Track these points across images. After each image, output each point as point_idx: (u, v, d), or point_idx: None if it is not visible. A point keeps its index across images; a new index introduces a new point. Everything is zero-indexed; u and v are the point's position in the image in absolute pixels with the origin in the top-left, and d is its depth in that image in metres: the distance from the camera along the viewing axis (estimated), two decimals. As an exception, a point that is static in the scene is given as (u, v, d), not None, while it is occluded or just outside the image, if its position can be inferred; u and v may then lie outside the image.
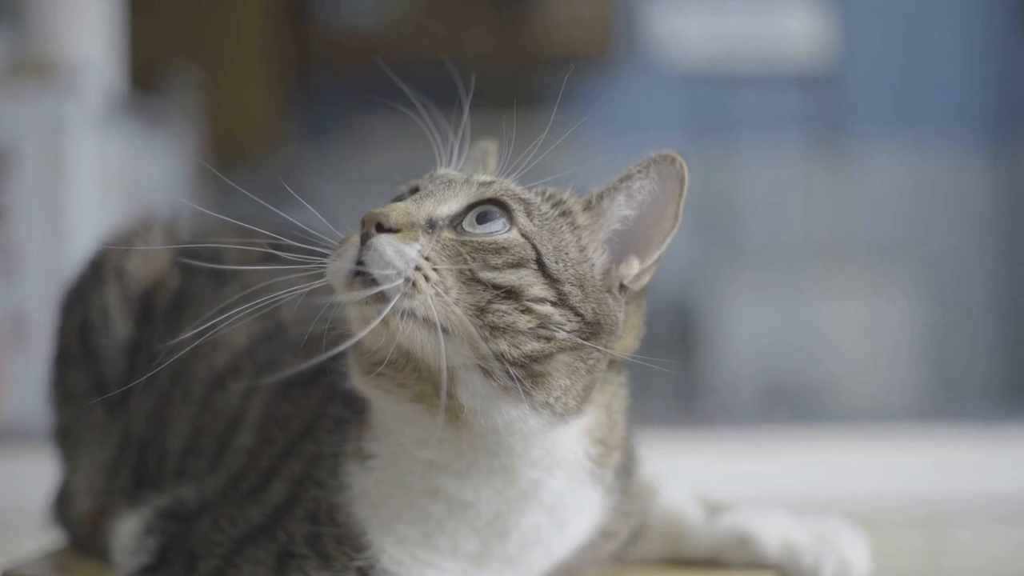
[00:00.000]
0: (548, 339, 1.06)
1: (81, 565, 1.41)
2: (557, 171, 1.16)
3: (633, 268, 1.13)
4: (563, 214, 1.12)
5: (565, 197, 1.14)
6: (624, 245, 1.13)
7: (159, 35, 3.89)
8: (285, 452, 1.21)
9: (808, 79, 4.69)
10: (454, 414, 1.08)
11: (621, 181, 1.13)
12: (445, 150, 1.18)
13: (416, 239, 1.05)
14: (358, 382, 1.13)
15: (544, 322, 1.06)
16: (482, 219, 1.09)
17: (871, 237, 4.66)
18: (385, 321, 1.03)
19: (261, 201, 1.19)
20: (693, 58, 4.72)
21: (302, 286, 1.10)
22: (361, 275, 1.04)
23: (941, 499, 2.53)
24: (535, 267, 1.07)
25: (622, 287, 1.13)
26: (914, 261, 4.58)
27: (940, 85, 4.67)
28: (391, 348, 1.06)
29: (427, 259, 1.04)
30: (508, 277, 1.06)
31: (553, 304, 1.07)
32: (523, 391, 1.05)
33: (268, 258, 1.13)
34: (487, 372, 1.05)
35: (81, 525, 1.44)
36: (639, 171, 1.12)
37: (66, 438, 1.49)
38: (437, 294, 1.03)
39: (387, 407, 1.12)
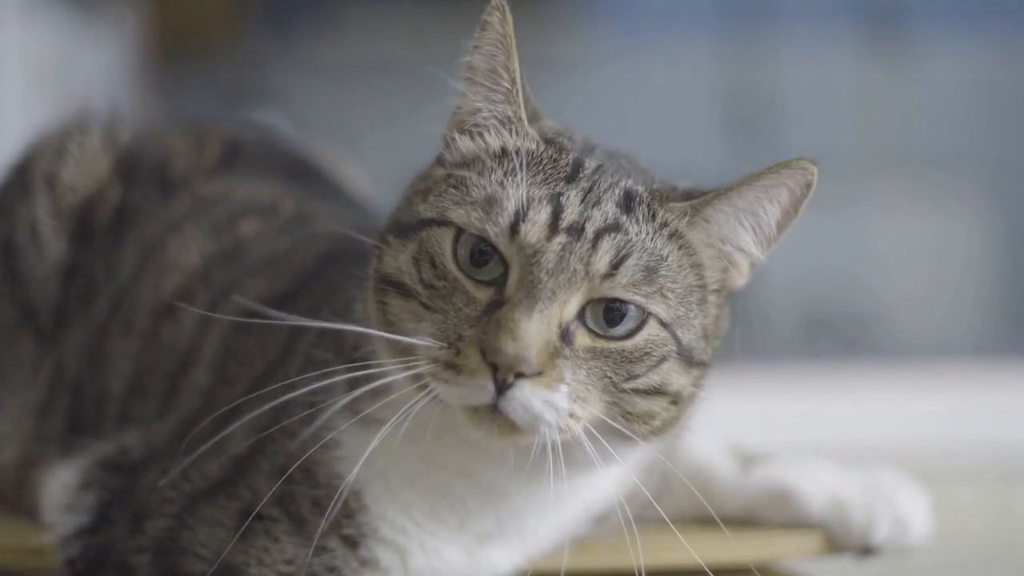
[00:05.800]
0: (675, 403, 1.08)
1: (4, 525, 1.40)
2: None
3: (743, 274, 1.16)
4: (673, 236, 1.10)
5: (667, 216, 1.10)
6: (737, 252, 1.14)
7: (95, -97, 3.83)
8: (247, 393, 1.19)
9: (862, -43, 4.63)
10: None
11: (735, 193, 1.11)
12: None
13: (562, 378, 1.02)
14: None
15: (677, 396, 1.08)
16: (610, 313, 1.06)
17: (932, 144, 4.64)
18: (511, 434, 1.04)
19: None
20: (726, -69, 4.65)
21: None
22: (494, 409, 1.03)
23: (1014, 448, 2.53)
24: (675, 353, 1.07)
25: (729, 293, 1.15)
26: (982, 172, 4.56)
27: (1016, -35, 4.62)
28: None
29: (577, 399, 1.03)
30: (652, 380, 1.07)
31: (685, 374, 1.08)
32: (638, 442, 1.07)
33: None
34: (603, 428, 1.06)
35: (5, 478, 1.44)
36: (761, 186, 1.11)
37: (-12, 376, 1.48)
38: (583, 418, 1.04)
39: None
